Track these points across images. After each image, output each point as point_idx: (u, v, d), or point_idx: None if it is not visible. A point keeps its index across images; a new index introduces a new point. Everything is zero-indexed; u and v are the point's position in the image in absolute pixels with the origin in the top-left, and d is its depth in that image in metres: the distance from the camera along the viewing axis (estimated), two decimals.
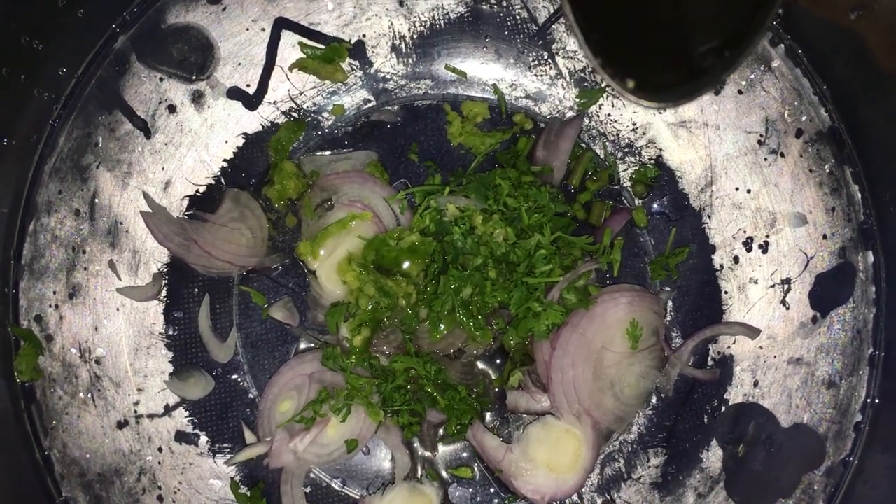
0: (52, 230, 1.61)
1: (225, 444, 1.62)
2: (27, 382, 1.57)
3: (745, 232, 1.65)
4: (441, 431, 1.63)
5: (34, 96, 1.56)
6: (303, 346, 1.65)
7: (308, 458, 1.59)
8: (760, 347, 1.63)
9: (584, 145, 1.69)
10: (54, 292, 1.60)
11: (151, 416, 1.62)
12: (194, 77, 1.65)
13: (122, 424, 1.61)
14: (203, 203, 1.65)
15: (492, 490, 1.62)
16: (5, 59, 1.47)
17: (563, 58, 1.70)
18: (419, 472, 1.62)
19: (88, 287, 1.62)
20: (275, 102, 1.68)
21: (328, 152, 1.68)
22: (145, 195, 1.63)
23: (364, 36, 1.69)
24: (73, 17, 1.55)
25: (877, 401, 1.57)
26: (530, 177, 1.65)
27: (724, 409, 1.64)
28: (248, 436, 1.62)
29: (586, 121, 1.70)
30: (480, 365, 1.63)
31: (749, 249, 1.65)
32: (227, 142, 1.67)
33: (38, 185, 1.60)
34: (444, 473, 1.62)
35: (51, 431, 1.58)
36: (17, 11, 1.46)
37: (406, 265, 1.58)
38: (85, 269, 1.62)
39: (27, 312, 1.59)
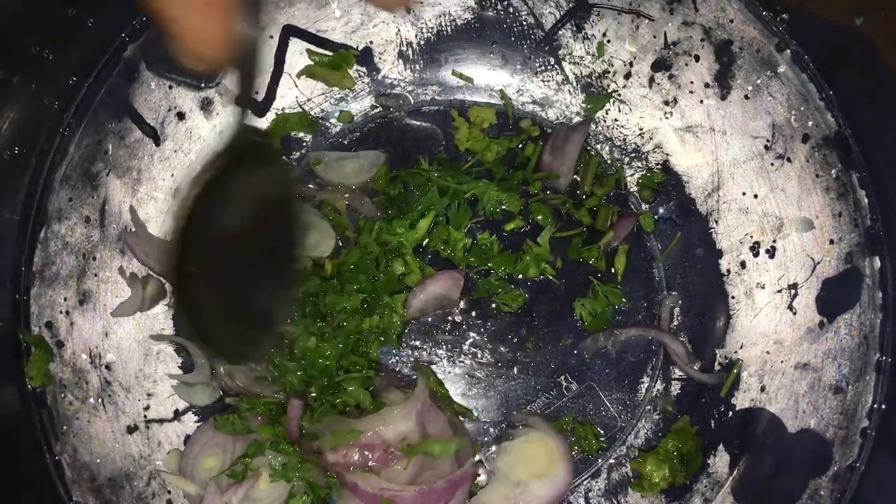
0: (63, 237, 1.62)
1: None
2: (38, 388, 1.59)
3: (751, 237, 1.65)
4: None
5: (44, 105, 1.57)
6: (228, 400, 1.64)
7: None
8: (767, 353, 1.63)
9: (591, 151, 1.69)
10: (65, 299, 1.62)
11: (161, 421, 1.64)
12: (203, 84, 1.67)
13: (131, 429, 1.62)
14: None
15: None
16: (16, 69, 1.49)
17: (570, 63, 1.70)
18: None
19: (99, 293, 1.63)
20: (283, 109, 1.69)
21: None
22: (132, 210, 1.64)
23: (371, 43, 1.70)
24: (83, 26, 1.56)
25: (883, 406, 1.56)
26: (538, 185, 1.66)
27: (730, 413, 1.64)
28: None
29: (593, 126, 1.71)
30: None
31: (756, 254, 1.65)
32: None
33: (49, 192, 1.61)
34: None
35: (61, 437, 1.59)
36: (28, 21, 1.48)
37: None
38: (95, 275, 1.64)
39: (38, 319, 1.61)
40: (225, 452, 1.58)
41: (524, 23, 1.69)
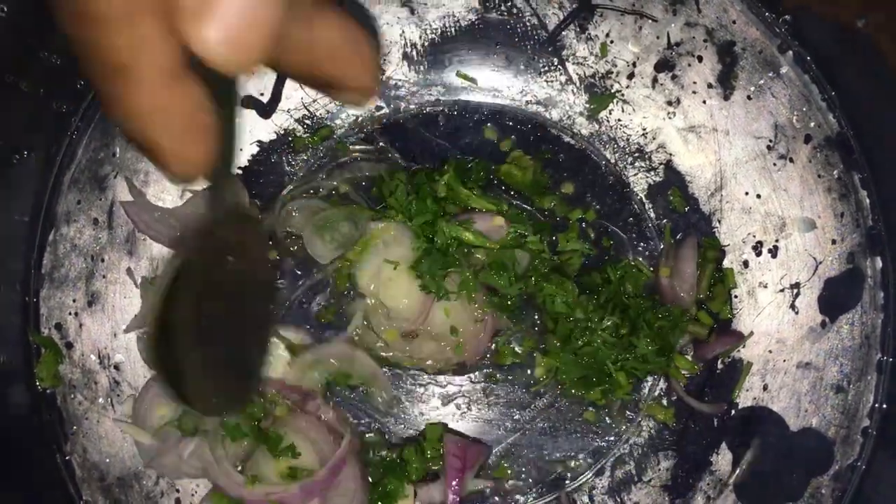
0: (72, 239, 1.64)
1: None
2: (48, 389, 1.60)
3: (754, 236, 1.66)
4: None
5: (53, 109, 1.59)
6: None
7: (190, 471, 1.58)
8: (770, 351, 1.64)
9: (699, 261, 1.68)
10: (74, 300, 1.64)
11: None
12: None
13: None
14: None
15: None
16: (25, 74, 1.50)
17: (574, 64, 1.71)
18: None
19: (107, 295, 1.65)
20: (288, 110, 1.70)
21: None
22: (128, 181, 1.65)
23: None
24: None
25: (884, 406, 1.58)
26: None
27: (733, 412, 1.65)
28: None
29: (595, 126, 1.72)
30: None
31: (758, 254, 1.66)
32: (241, 150, 1.69)
33: (58, 195, 1.63)
34: None
35: (71, 437, 1.61)
36: (36, 27, 1.49)
37: None
38: (104, 276, 1.65)
39: (48, 320, 1.63)
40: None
41: (528, 24, 1.70)
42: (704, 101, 1.67)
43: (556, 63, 1.71)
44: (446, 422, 1.65)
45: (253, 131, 1.69)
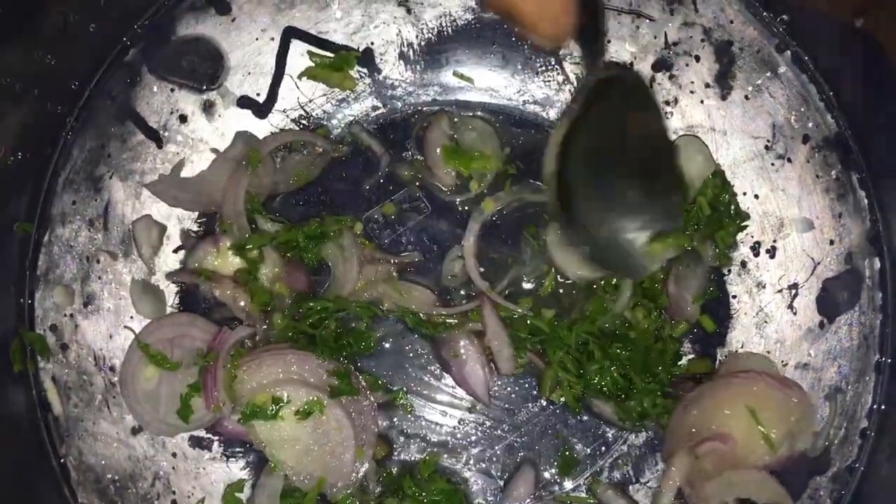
0: (67, 241, 1.63)
1: (237, 450, 1.64)
2: (44, 393, 1.60)
3: (752, 236, 1.66)
4: None
5: (48, 110, 1.59)
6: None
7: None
8: (768, 352, 1.64)
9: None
10: (69, 302, 1.64)
11: None
12: (205, 87, 1.67)
13: (136, 431, 1.63)
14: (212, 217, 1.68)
15: None
16: (19, 75, 1.50)
17: (571, 63, 1.70)
18: None
19: (102, 296, 1.65)
20: (284, 111, 1.70)
21: None
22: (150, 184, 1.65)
23: (372, 44, 1.70)
24: (85, 31, 1.57)
25: (882, 407, 1.58)
26: None
27: None
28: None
29: None
30: None
31: (757, 254, 1.66)
32: None
33: (53, 196, 1.63)
34: None
35: (67, 439, 1.61)
36: (30, 27, 1.49)
37: None
38: (99, 278, 1.65)
39: (43, 322, 1.62)
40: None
41: None
42: (702, 101, 1.67)
43: (553, 63, 1.71)
44: (448, 425, 1.65)
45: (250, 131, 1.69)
